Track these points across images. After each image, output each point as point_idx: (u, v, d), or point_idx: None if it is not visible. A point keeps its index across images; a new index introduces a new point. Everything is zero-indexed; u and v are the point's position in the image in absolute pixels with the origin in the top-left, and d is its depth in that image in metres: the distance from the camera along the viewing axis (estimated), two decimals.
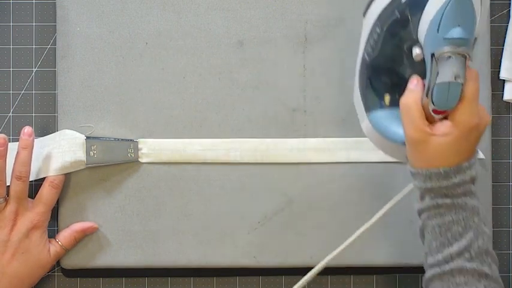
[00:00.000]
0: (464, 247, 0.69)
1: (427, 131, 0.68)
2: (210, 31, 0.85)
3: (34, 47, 0.87)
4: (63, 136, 0.83)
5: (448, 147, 0.68)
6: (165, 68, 0.85)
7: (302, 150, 0.85)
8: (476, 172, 0.70)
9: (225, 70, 0.85)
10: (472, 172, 0.69)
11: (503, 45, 0.88)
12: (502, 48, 0.88)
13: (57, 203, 0.84)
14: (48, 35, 0.87)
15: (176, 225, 0.85)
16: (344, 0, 0.85)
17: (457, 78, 0.65)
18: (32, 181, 0.82)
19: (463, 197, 0.69)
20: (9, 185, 0.80)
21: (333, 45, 0.85)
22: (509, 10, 0.88)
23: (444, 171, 0.68)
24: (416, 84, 0.70)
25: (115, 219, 0.85)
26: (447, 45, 0.65)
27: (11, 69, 0.87)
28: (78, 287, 0.87)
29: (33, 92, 0.87)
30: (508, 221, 0.88)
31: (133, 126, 0.85)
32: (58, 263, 0.85)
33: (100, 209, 0.85)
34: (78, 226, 0.84)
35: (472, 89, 0.67)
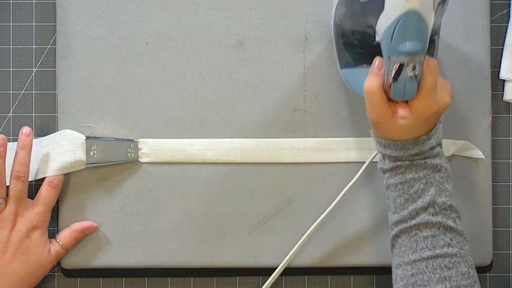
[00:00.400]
0: (428, 202, 0.73)
1: (388, 114, 0.72)
2: (210, 31, 0.85)
3: (34, 47, 0.87)
4: (63, 136, 0.83)
5: (406, 127, 0.72)
6: (165, 68, 0.85)
7: (302, 150, 0.85)
8: (439, 136, 0.74)
9: (225, 70, 0.85)
10: (432, 141, 0.73)
11: (503, 45, 0.88)
12: (502, 48, 0.88)
13: (57, 203, 0.84)
14: (48, 35, 0.87)
15: (176, 225, 0.85)
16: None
17: (412, 78, 0.69)
18: (32, 181, 0.82)
19: (424, 159, 0.73)
20: (9, 185, 0.80)
21: (333, 45, 0.85)
22: (509, 10, 0.88)
23: (401, 143, 0.73)
24: (378, 68, 0.73)
25: (115, 219, 0.85)
26: (400, 55, 0.68)
27: (11, 69, 0.87)
28: (78, 287, 0.87)
29: (33, 92, 0.87)
30: (508, 221, 0.88)
31: (133, 126, 0.85)
32: (58, 263, 0.85)
33: (100, 209, 0.85)
34: (78, 226, 0.84)
35: (428, 81, 0.71)
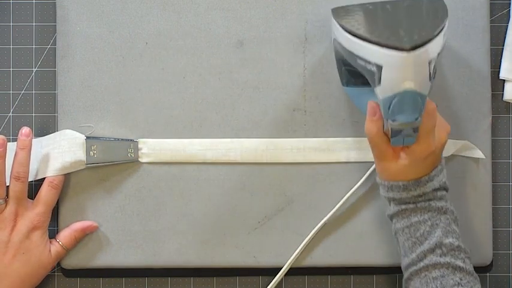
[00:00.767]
0: (435, 244, 0.75)
1: (390, 153, 0.75)
2: (210, 31, 0.85)
3: (34, 47, 0.87)
4: (63, 136, 0.83)
5: (406, 168, 0.75)
6: (165, 68, 0.85)
7: (302, 150, 0.85)
8: (442, 179, 0.76)
9: (225, 70, 0.85)
10: (434, 183, 0.76)
11: (503, 45, 0.88)
12: (502, 48, 0.88)
13: (57, 203, 0.84)
14: (48, 35, 0.87)
15: (176, 225, 0.85)
16: (344, 1, 0.85)
17: (409, 136, 0.73)
18: (32, 181, 0.82)
19: (428, 201, 0.75)
20: (9, 186, 0.80)
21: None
22: (509, 10, 0.88)
23: (403, 184, 0.76)
24: (373, 115, 0.75)
25: (115, 219, 0.85)
26: (397, 123, 0.70)
27: (11, 69, 0.87)
28: (78, 287, 0.87)
29: (33, 92, 0.87)
30: (508, 221, 0.88)
31: (133, 126, 0.85)
32: (58, 263, 0.85)
33: (100, 209, 0.85)
34: (78, 225, 0.84)
35: (426, 125, 0.73)
